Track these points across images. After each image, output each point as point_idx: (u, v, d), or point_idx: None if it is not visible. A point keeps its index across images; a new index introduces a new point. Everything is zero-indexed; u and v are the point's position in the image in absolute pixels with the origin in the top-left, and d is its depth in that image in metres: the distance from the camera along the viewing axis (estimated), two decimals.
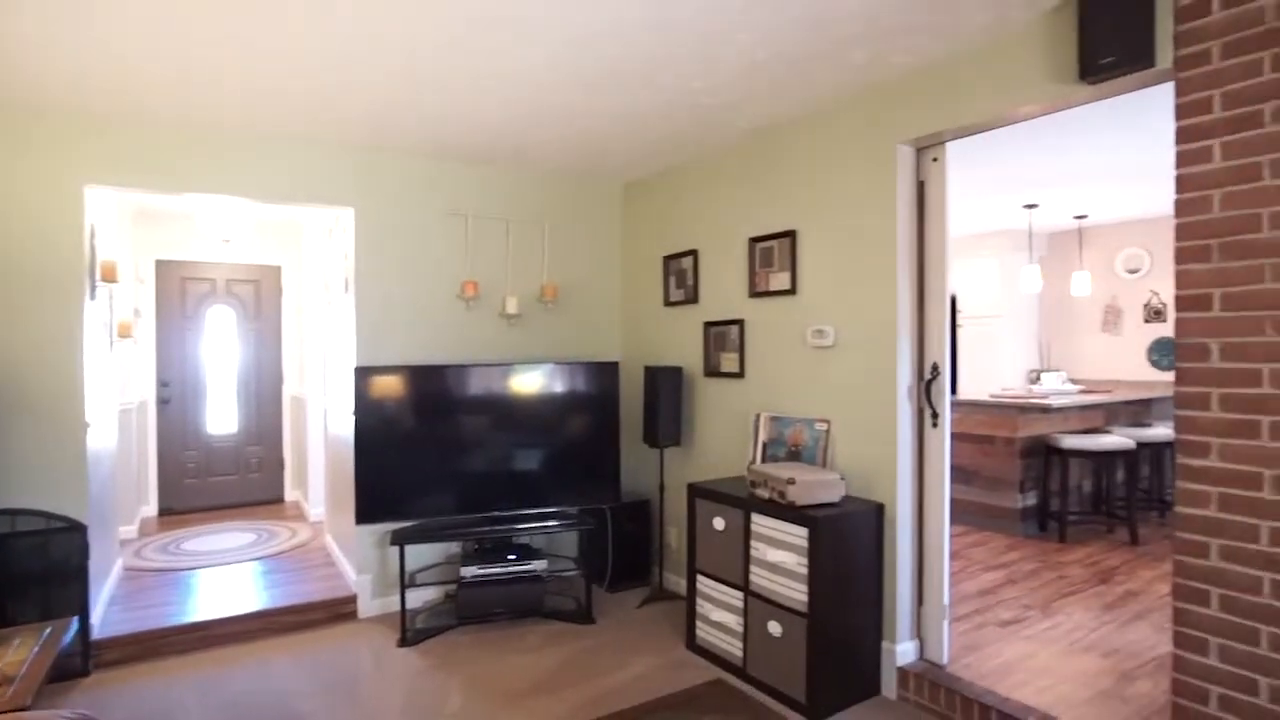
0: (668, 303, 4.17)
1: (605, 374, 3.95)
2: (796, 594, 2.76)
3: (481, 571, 3.60)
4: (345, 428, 3.97)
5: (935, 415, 2.86)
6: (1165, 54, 2.07)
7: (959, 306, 7.05)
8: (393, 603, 3.79)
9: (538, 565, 3.70)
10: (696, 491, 3.28)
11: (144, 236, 5.67)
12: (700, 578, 3.26)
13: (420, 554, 3.90)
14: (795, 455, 3.24)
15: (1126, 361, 6.73)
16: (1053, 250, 7.11)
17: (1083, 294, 6.48)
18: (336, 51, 2.58)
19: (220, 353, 6.06)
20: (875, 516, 2.87)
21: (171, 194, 3.46)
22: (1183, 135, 2.02)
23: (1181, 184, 2.02)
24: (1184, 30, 2.01)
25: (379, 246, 3.81)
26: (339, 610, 3.74)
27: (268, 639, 3.49)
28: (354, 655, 3.31)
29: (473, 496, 3.71)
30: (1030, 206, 5.55)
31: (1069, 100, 2.34)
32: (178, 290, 5.89)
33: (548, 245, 4.32)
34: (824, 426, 3.14)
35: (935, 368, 2.86)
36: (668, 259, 4.16)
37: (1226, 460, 1.93)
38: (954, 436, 5.22)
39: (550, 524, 3.76)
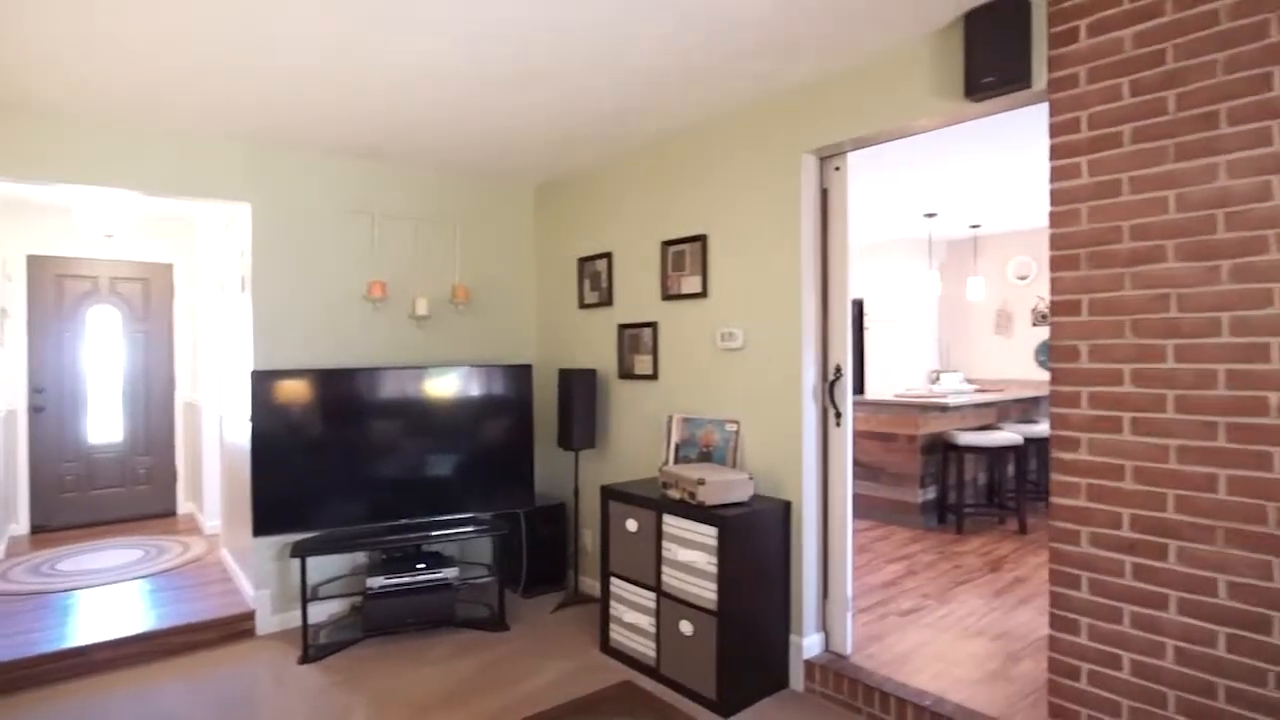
0: (582, 305, 4.16)
1: (518, 377, 3.90)
2: (707, 593, 2.81)
3: (389, 582, 3.49)
4: (243, 435, 3.77)
5: (839, 415, 2.97)
6: (1040, 76, 2.22)
7: (866, 310, 7.35)
8: (294, 618, 3.63)
9: (449, 573, 3.61)
10: (610, 494, 3.29)
11: (12, 230, 5.23)
12: (614, 580, 3.27)
13: (325, 566, 3.74)
14: (707, 456, 3.29)
15: (1017, 362, 7.17)
16: (951, 257, 7.51)
17: (977, 299, 6.87)
18: (229, 38, 2.45)
19: (104, 356, 5.65)
20: (782, 514, 2.95)
21: (40, 183, 3.19)
22: (1055, 152, 2.17)
23: (1054, 198, 2.17)
24: (1055, 55, 2.17)
25: (277, 244, 3.64)
26: (235, 628, 3.54)
27: (156, 663, 3.27)
28: (251, 675, 3.14)
29: (381, 504, 3.59)
30: (930, 216, 5.85)
31: (956, 116, 2.48)
32: (53, 289, 5.45)
33: (459, 246, 4.24)
34: (734, 427, 3.20)
35: (838, 369, 2.97)
36: (582, 261, 4.15)
37: (1094, 454, 2.09)
38: (861, 435, 5.43)
39: (463, 530, 3.68)
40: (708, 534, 2.80)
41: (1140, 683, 2.00)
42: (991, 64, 2.25)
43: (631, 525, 3.17)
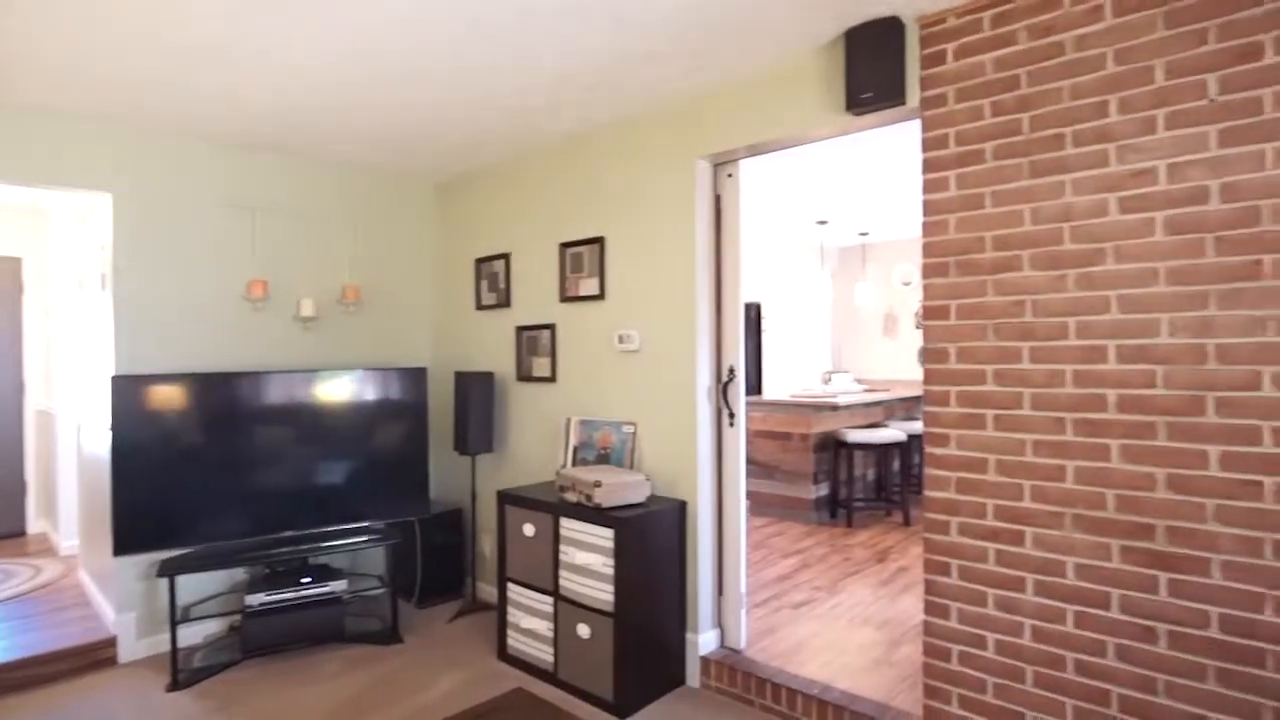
0: (480, 306, 4.08)
1: (412, 380, 3.78)
2: (604, 595, 2.81)
3: (270, 598, 3.30)
4: (103, 446, 3.47)
5: (732, 415, 3.05)
6: (914, 94, 2.35)
7: (764, 313, 7.57)
8: (163, 642, 3.36)
9: (336, 586, 3.45)
10: (506, 498, 3.24)
11: None
12: (511, 586, 3.22)
13: (200, 584, 3.50)
14: (605, 458, 3.30)
15: (902, 363, 7.59)
16: (843, 263, 7.86)
17: (866, 303, 7.22)
18: (84, 8, 2.25)
19: None
20: (678, 514, 3.00)
21: None
22: (927, 166, 2.31)
23: (926, 209, 2.31)
24: (927, 75, 2.31)
25: (143, 238, 3.37)
26: (95, 656, 3.25)
27: (2, 700, 2.96)
28: (110, 708, 2.89)
29: (264, 516, 3.39)
30: (822, 223, 6.10)
31: (841, 129, 2.60)
32: None
33: (350, 244, 4.07)
34: (631, 429, 3.23)
35: (731, 370, 3.04)
36: (480, 262, 4.08)
37: (962, 449, 2.23)
38: (757, 434, 5.59)
39: (353, 541, 3.53)
40: (604, 536, 2.80)
41: (1002, 660, 2.16)
42: (870, 80, 2.37)
43: (529, 530, 3.13)
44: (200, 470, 3.25)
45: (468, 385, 3.78)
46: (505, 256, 3.91)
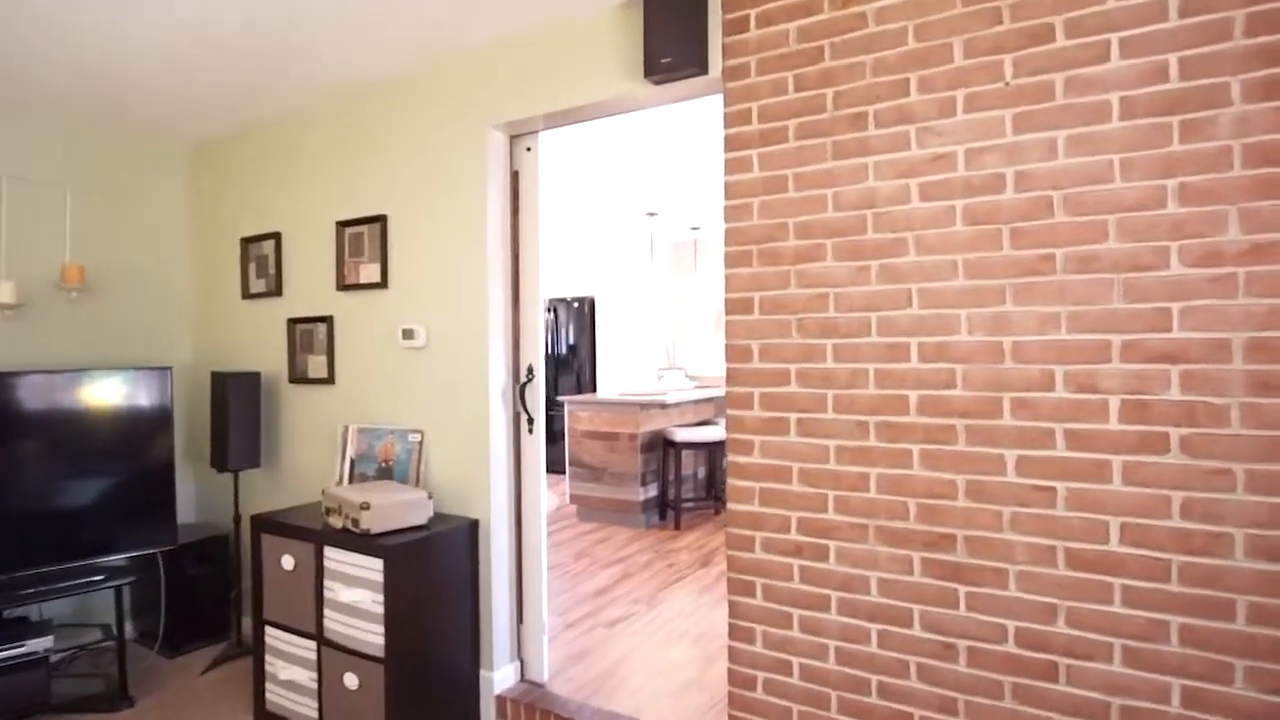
0: (247, 295, 3.45)
1: (152, 383, 3.10)
2: (374, 638, 2.37)
3: None
4: None
5: (531, 421, 2.70)
6: (716, 63, 2.12)
7: (598, 308, 7.32)
8: None
9: (38, 644, 2.73)
10: (261, 524, 2.70)
11: None
12: (270, 629, 2.69)
13: None
14: (387, 472, 2.84)
15: None
16: (676, 258, 7.77)
17: (698, 299, 7.16)
18: None
19: None
20: (468, 535, 2.61)
21: None
22: (729, 144, 2.08)
23: (729, 190, 2.08)
24: (729, 43, 2.08)
25: None
26: None
27: None
28: None
29: None
30: (651, 215, 5.91)
31: (640, 99, 2.32)
32: None
33: (73, 216, 3.28)
34: (417, 438, 2.80)
35: (530, 370, 2.70)
36: (247, 242, 3.45)
37: (766, 457, 2.03)
38: (585, 435, 5.31)
39: (68, 585, 2.82)
40: (373, 568, 2.36)
41: (807, 686, 1.98)
42: (669, 45, 2.11)
43: (288, 562, 2.61)
44: None
45: (227, 389, 3.16)
46: (276, 236, 3.32)
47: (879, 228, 1.86)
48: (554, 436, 7.04)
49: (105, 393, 2.99)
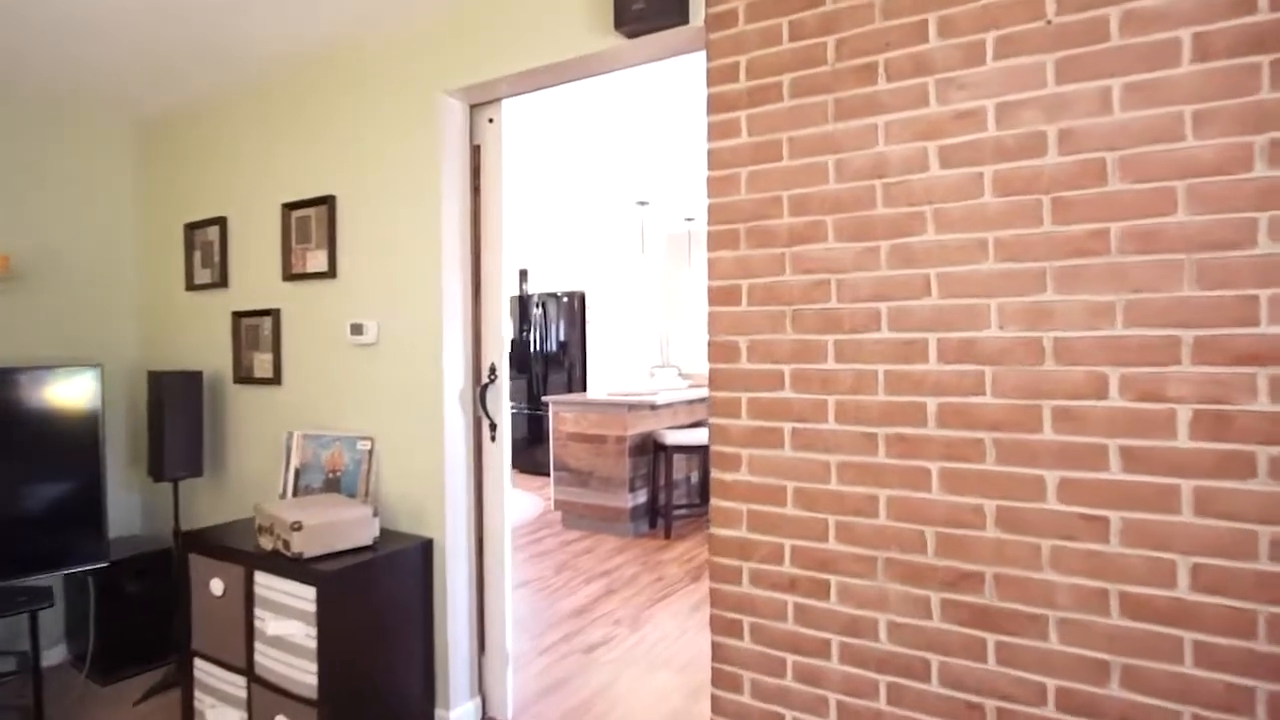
0: (192, 286, 3.14)
1: (79, 383, 2.79)
2: (307, 676, 2.06)
3: None
4: None
5: (494, 427, 2.39)
6: (698, 12, 1.80)
7: (588, 303, 7.01)
8: None
9: None
10: (191, 542, 2.39)
11: None
12: (198, 662, 2.38)
13: None
14: (335, 484, 2.53)
15: None
16: (670, 250, 7.46)
17: (692, 293, 6.84)
18: None
19: None
20: (421, 556, 2.30)
21: None
22: (713, 104, 1.77)
23: (712, 159, 1.77)
24: None
25: None
26: None
27: None
28: None
29: None
30: (642, 204, 5.60)
31: (613, 58, 2.01)
32: None
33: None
34: (367, 445, 2.49)
35: (493, 370, 2.39)
36: (191, 228, 3.14)
37: (755, 473, 1.72)
38: (570, 438, 5.00)
39: None
40: (305, 597, 2.05)
41: None
42: None
43: (216, 586, 2.31)
44: None
45: (163, 389, 2.85)
46: (221, 221, 3.01)
47: (891, 201, 1.55)
48: (540, 438, 6.73)
49: (24, 394, 2.68)
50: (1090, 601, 1.36)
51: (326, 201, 2.60)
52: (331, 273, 2.60)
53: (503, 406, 2.39)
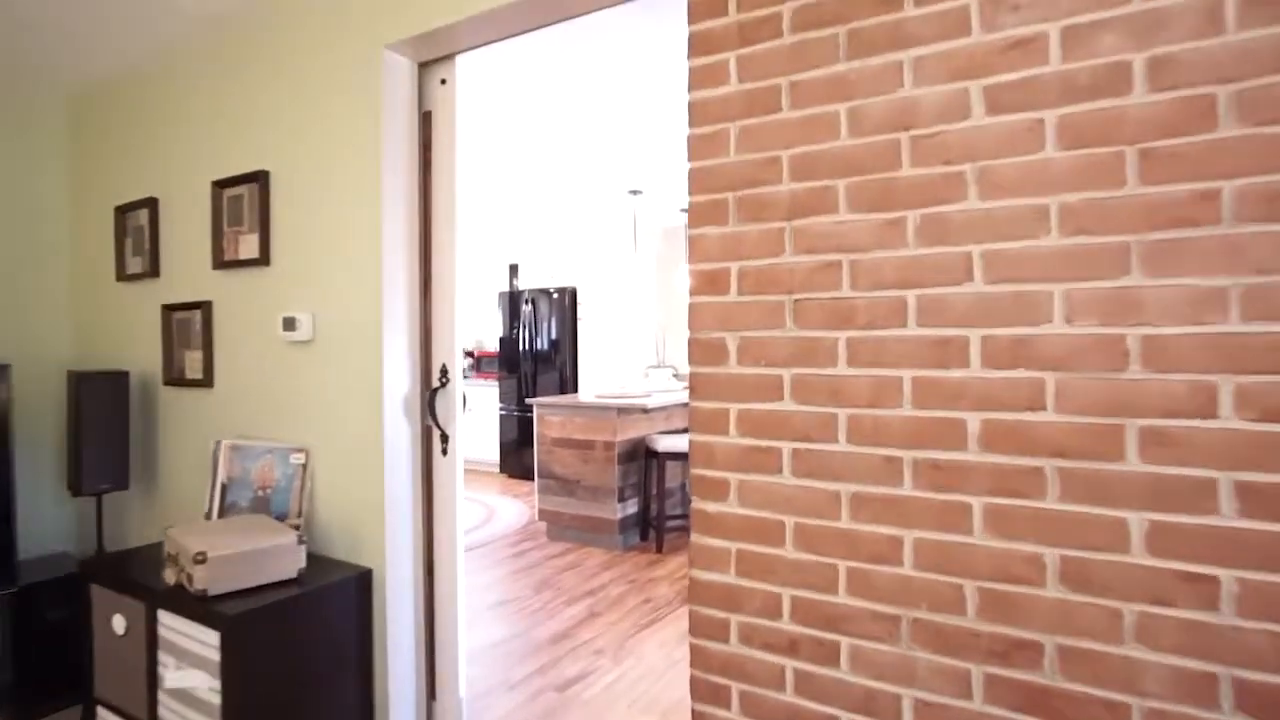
0: (123, 276, 2.80)
1: None
2: None
3: None
4: None
5: (445, 438, 2.05)
6: None
7: (580, 300, 6.66)
8: None
9: None
10: (91, 571, 2.06)
11: None
12: (100, 711, 2.05)
13: None
14: (264, 503, 2.19)
15: None
16: (667, 244, 7.11)
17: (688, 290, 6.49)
18: None
19: None
20: (356, 589, 1.96)
21: None
22: (695, 45, 1.43)
23: (694, 113, 1.43)
24: None
25: None
26: None
27: None
28: None
29: None
30: (635, 193, 5.25)
31: None
32: None
33: None
34: (300, 458, 2.15)
35: (444, 372, 2.05)
36: (121, 211, 2.80)
37: (747, 505, 1.37)
38: (555, 443, 4.66)
39: None
40: (209, 642, 1.72)
41: None
42: None
43: (119, 624, 1.98)
44: None
45: (85, 392, 2.52)
46: (151, 203, 2.67)
47: (921, 159, 1.20)
48: (530, 440, 6.40)
49: None
50: (1195, 689, 1.01)
51: (259, 178, 2.26)
52: (264, 260, 2.26)
53: (455, 414, 2.05)
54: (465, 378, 7.67)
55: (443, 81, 2.05)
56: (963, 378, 1.17)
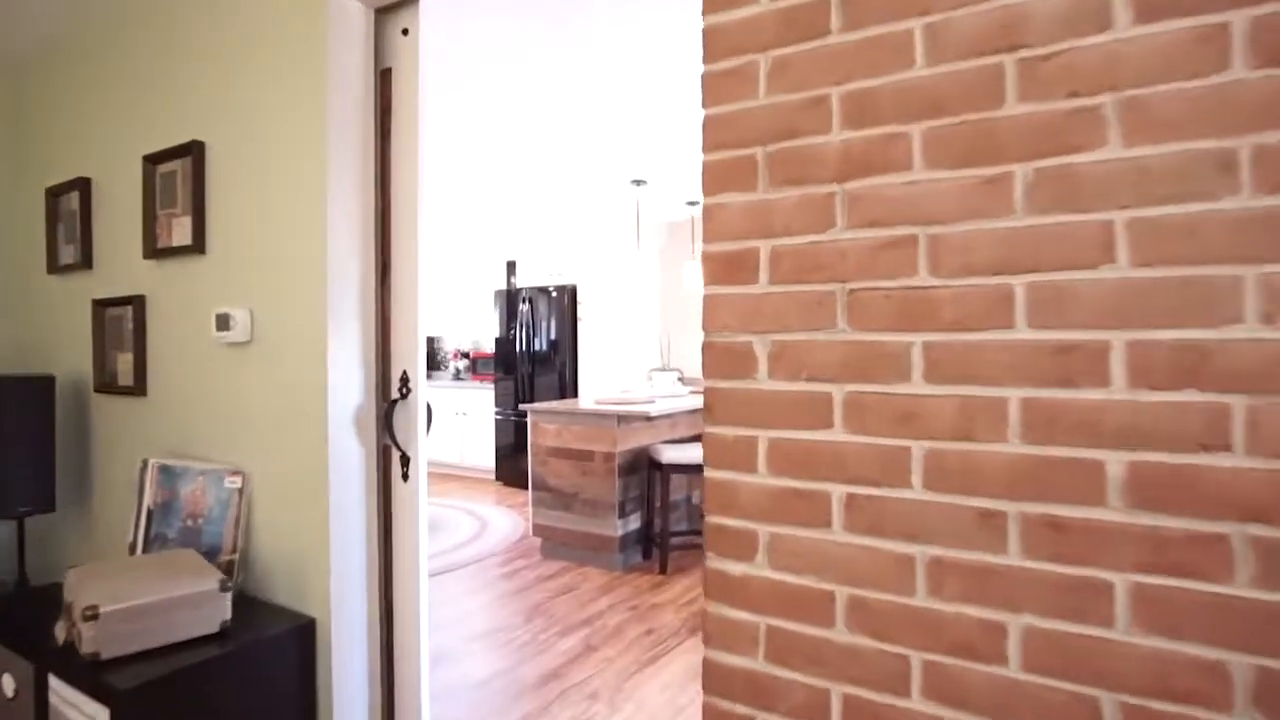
0: (55, 268, 2.47)
1: None
2: None
3: None
4: None
5: (406, 460, 1.71)
6: None
7: (580, 299, 6.32)
8: None
9: None
10: None
11: None
12: None
13: None
14: (194, 534, 1.85)
15: None
16: (672, 240, 6.77)
17: (695, 288, 6.14)
18: None
19: None
20: (296, 643, 1.62)
21: None
22: None
23: (708, 44, 1.08)
24: None
25: None
26: None
27: None
28: None
29: None
30: (638, 183, 4.90)
31: None
32: None
33: None
34: (236, 482, 1.81)
35: (405, 381, 1.70)
36: (53, 194, 2.47)
37: (780, 568, 1.02)
38: (551, 453, 4.31)
39: None
40: (99, 717, 1.38)
41: None
42: None
43: (8, 685, 1.64)
44: None
45: (1, 398, 2.19)
46: (83, 184, 2.34)
47: (1034, 91, 0.85)
48: (524, 446, 6.06)
49: None
50: None
51: (192, 150, 1.92)
52: (199, 247, 1.92)
53: (418, 431, 1.70)
54: (460, 379, 7.32)
55: (405, 32, 1.70)
56: (1099, 401, 0.82)
